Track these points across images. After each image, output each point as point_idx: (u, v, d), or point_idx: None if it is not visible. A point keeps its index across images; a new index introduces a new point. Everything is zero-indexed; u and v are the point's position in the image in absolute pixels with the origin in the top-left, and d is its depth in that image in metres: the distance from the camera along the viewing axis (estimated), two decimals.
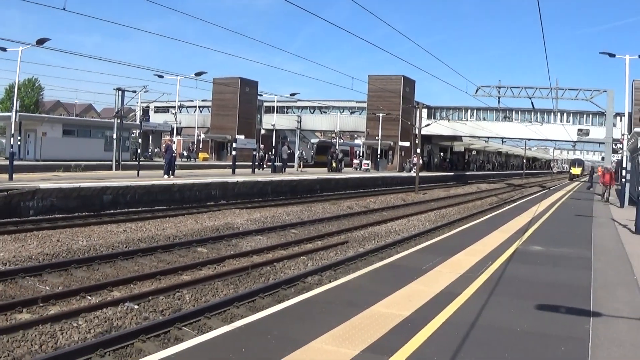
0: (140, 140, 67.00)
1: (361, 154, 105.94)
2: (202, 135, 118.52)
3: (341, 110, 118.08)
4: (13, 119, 43.51)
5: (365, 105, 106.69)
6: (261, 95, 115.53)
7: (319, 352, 10.00)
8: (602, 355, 10.38)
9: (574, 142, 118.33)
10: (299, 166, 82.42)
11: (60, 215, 32.56)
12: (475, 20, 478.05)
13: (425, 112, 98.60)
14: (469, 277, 16.44)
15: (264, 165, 72.77)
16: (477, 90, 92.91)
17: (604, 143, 69.64)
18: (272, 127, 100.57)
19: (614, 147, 65.22)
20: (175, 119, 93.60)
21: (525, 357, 10.28)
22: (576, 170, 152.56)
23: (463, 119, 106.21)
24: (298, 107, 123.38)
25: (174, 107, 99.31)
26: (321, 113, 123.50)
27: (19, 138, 55.15)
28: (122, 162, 60.88)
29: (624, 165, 53.47)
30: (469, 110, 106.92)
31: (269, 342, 10.50)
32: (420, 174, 75.36)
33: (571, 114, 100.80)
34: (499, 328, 11.72)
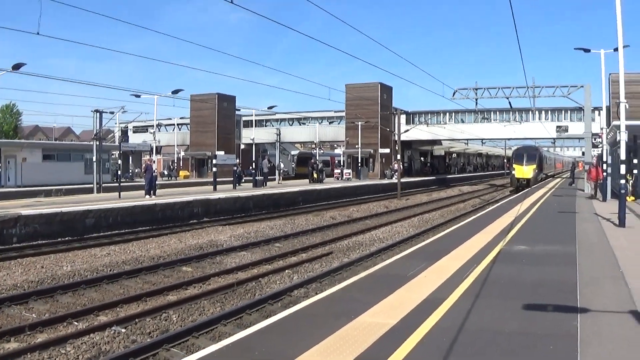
0: (120, 162, 67.03)
1: (342, 164, 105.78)
2: (182, 153, 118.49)
3: (320, 121, 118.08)
4: None
5: (343, 114, 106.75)
6: (239, 110, 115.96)
7: None
8: (591, 351, 10.34)
9: (554, 139, 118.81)
10: (280, 179, 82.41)
11: (43, 242, 32.46)
12: (450, 25, 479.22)
13: (403, 118, 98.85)
14: (455, 281, 16.39)
15: (241, 182, 72.51)
16: (454, 93, 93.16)
17: (583, 138, 69.64)
18: (251, 142, 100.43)
19: (593, 141, 65.18)
20: (154, 138, 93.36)
21: (515, 358, 10.23)
22: (526, 171, 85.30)
23: (442, 122, 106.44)
24: (277, 120, 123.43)
25: (153, 126, 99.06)
26: (300, 124, 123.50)
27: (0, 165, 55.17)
28: (103, 184, 60.98)
29: (604, 159, 53.54)
30: (448, 114, 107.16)
31: (257, 359, 10.43)
32: (402, 180, 75.58)
33: (549, 111, 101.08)
34: (487, 330, 11.67)
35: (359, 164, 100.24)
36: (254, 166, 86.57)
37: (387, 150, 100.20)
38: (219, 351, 10.82)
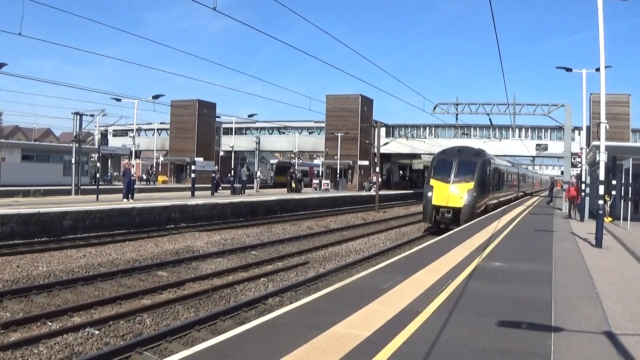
0: (98, 164, 66.84)
1: (321, 174, 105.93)
2: (161, 158, 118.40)
3: (300, 131, 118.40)
4: None
5: (323, 125, 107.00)
6: (219, 117, 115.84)
7: None
8: None
9: (533, 157, 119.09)
10: (258, 187, 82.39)
11: (20, 241, 32.33)
12: (432, 39, 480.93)
13: (383, 130, 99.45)
14: (430, 295, 16.37)
15: (219, 189, 72.32)
16: (434, 108, 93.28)
17: (562, 157, 69.91)
18: (230, 149, 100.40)
19: (572, 161, 65.44)
20: (134, 142, 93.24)
21: None
22: (453, 194, 48.88)
23: (422, 136, 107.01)
24: (257, 128, 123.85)
25: (133, 130, 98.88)
26: (280, 134, 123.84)
27: None
28: (82, 187, 60.58)
29: (583, 179, 53.68)
30: (428, 128, 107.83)
31: None
32: (380, 193, 75.55)
33: (529, 129, 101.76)
34: (460, 345, 11.65)
35: (338, 175, 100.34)
36: (232, 173, 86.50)
37: (366, 163, 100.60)
38: (192, 356, 10.77)
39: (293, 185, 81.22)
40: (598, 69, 34.22)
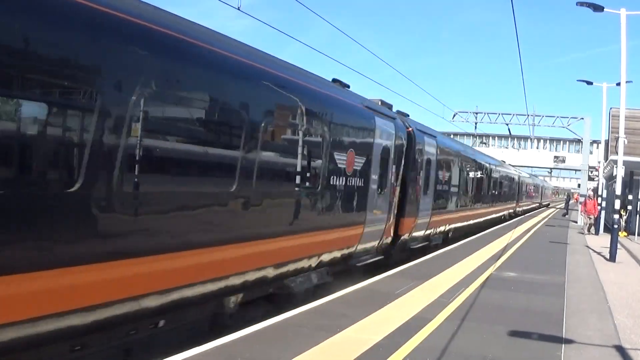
0: None
1: None
2: None
3: None
4: None
5: None
6: None
7: None
8: None
9: (550, 168, 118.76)
10: None
11: None
12: (454, 47, 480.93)
13: None
14: (442, 303, 16.36)
15: None
16: (454, 116, 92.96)
17: (580, 170, 69.60)
18: None
19: (590, 174, 65.22)
20: None
21: None
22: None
23: None
24: None
25: None
26: None
27: None
28: None
29: (599, 193, 53.47)
30: (446, 135, 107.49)
31: None
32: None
33: (548, 141, 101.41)
34: (470, 355, 11.64)
35: None
36: None
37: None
38: (201, 354, 10.74)
39: None
40: (619, 83, 34.15)
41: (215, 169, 13.07)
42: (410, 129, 26.26)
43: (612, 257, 29.46)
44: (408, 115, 28.14)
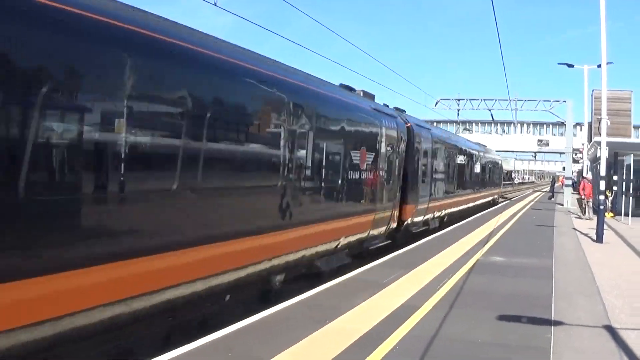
0: None
1: None
2: None
3: None
4: None
5: None
6: None
7: None
8: None
9: (535, 152, 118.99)
10: None
11: None
12: (434, 35, 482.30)
13: None
14: (430, 290, 16.36)
15: None
16: (436, 103, 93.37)
17: (564, 153, 69.72)
18: None
19: (574, 156, 65.45)
20: None
21: None
22: None
23: None
24: None
25: None
26: None
27: None
28: None
29: (584, 175, 53.57)
30: (429, 123, 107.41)
31: (233, 358, 10.39)
32: None
33: (531, 125, 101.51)
34: (459, 340, 11.66)
35: None
36: None
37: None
38: (194, 350, 10.73)
39: None
40: (600, 65, 34.23)
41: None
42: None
43: (599, 238, 29.50)
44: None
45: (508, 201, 72.81)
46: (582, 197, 50.94)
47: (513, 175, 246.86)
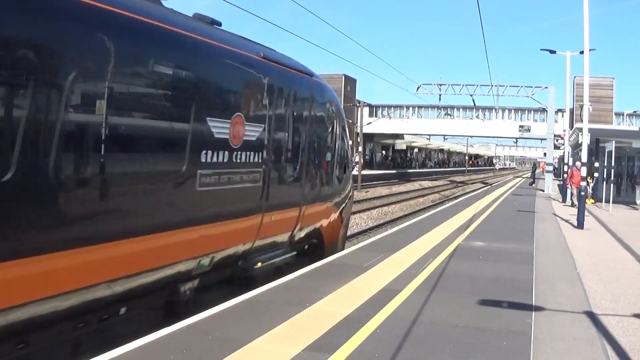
0: None
1: None
2: None
3: None
4: None
5: None
6: None
7: (260, 352, 9.83)
8: (544, 349, 10.35)
9: (516, 138, 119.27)
10: None
11: None
12: (416, 19, 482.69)
13: (366, 110, 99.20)
14: (411, 274, 16.34)
15: None
16: (418, 88, 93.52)
17: (545, 139, 69.85)
18: None
19: (555, 142, 65.55)
20: None
21: (467, 351, 10.20)
22: None
23: (405, 116, 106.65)
24: None
25: None
26: None
27: None
28: None
29: (565, 161, 53.71)
30: (411, 108, 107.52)
31: (210, 343, 10.30)
32: (363, 173, 75.55)
33: (513, 111, 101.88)
34: (440, 324, 11.64)
35: None
36: None
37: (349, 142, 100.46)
38: (173, 334, 10.68)
39: None
40: (582, 52, 34.28)
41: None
42: None
43: (580, 225, 29.57)
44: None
45: (489, 187, 73.04)
46: (569, 185, 49.99)
47: (494, 161, 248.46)
